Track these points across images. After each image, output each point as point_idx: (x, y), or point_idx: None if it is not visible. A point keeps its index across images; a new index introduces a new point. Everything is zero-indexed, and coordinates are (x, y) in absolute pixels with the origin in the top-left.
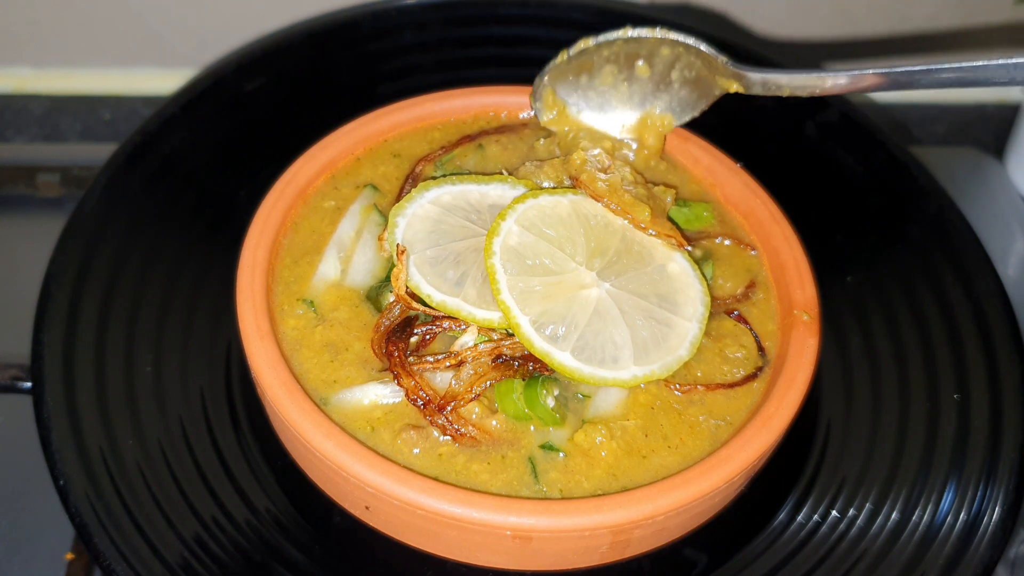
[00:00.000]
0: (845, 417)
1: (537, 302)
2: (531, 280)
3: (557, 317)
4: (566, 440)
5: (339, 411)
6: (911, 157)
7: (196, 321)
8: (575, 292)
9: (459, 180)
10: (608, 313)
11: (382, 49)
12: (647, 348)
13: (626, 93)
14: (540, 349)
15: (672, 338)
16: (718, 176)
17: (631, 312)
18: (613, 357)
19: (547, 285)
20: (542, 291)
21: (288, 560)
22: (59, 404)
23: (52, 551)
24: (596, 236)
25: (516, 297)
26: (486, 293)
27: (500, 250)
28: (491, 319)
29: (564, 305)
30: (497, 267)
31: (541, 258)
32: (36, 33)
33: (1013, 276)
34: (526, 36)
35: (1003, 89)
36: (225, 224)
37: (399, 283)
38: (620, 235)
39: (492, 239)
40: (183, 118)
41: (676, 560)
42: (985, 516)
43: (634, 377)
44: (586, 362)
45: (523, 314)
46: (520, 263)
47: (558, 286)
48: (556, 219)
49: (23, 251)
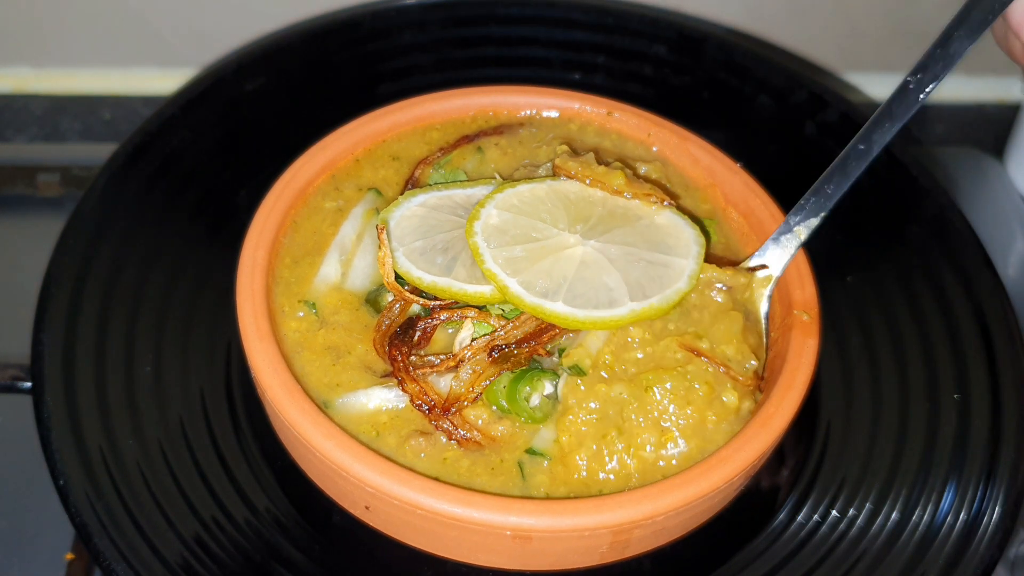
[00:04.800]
0: (845, 417)
1: (522, 265)
2: (514, 248)
3: (543, 274)
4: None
5: (342, 415)
6: (911, 157)
7: (196, 321)
8: (560, 252)
9: (445, 187)
10: (596, 263)
11: (382, 49)
12: (642, 286)
13: None
14: (531, 303)
15: (668, 275)
16: (718, 176)
17: (620, 259)
18: (608, 300)
19: (531, 251)
20: (526, 256)
21: (288, 560)
22: (59, 404)
23: (52, 551)
24: (577, 207)
25: (501, 264)
26: (476, 272)
27: (481, 229)
28: (482, 292)
29: (550, 263)
30: (480, 243)
31: (523, 229)
32: (36, 33)
33: (1013, 276)
34: (526, 36)
35: (1003, 89)
36: (225, 224)
37: (385, 266)
38: (601, 203)
39: (472, 223)
40: (183, 118)
41: (676, 560)
42: (985, 516)
43: (632, 312)
44: (580, 307)
45: (510, 277)
46: (502, 237)
47: (542, 250)
48: (535, 199)
49: (23, 251)
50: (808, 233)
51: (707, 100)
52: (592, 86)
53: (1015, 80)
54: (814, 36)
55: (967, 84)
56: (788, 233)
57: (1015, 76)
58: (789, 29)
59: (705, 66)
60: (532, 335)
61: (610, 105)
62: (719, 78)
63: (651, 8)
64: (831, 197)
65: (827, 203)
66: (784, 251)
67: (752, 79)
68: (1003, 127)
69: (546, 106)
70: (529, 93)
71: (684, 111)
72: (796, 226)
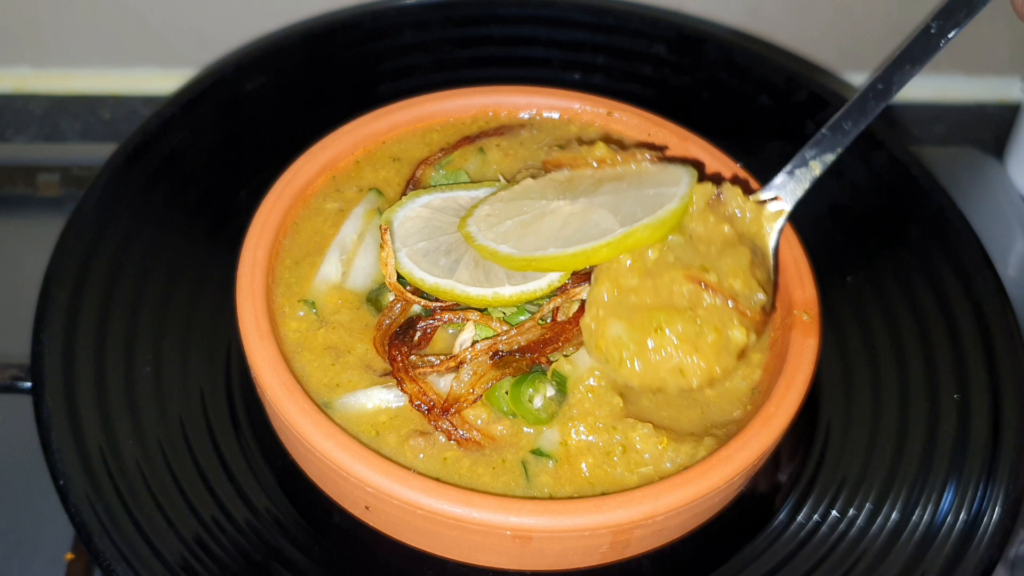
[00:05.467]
0: (845, 417)
1: (513, 234)
2: (504, 223)
3: (533, 233)
4: (557, 445)
5: (342, 415)
6: (911, 157)
7: (196, 321)
8: (549, 215)
9: (448, 188)
10: (584, 212)
11: (382, 49)
12: (635, 216)
13: None
14: (523, 257)
15: (660, 200)
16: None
17: (610, 202)
18: (599, 233)
19: (521, 222)
20: (516, 226)
21: (288, 560)
22: (59, 404)
23: (52, 551)
24: (566, 184)
25: (492, 238)
26: (478, 275)
27: (473, 221)
28: (485, 295)
29: (539, 225)
30: (473, 231)
31: (513, 210)
32: (36, 33)
33: (1013, 276)
34: (526, 36)
35: (1003, 89)
36: (225, 224)
37: (388, 266)
38: (591, 176)
39: (466, 219)
40: (183, 118)
41: (676, 560)
42: (985, 516)
43: (623, 234)
44: (573, 245)
45: (500, 244)
46: (494, 222)
47: (532, 219)
48: (524, 189)
49: (23, 251)
50: (823, 168)
51: (707, 100)
52: (592, 86)
53: (1015, 80)
54: (814, 36)
55: (967, 84)
56: (803, 166)
57: (1015, 76)
58: (789, 29)
59: (705, 66)
60: (535, 344)
61: (610, 105)
62: (719, 78)
63: (651, 8)
64: (848, 134)
65: (844, 140)
66: (798, 185)
67: (752, 79)
68: (1003, 127)
69: (546, 106)
70: (529, 93)
71: (684, 111)
72: (811, 160)
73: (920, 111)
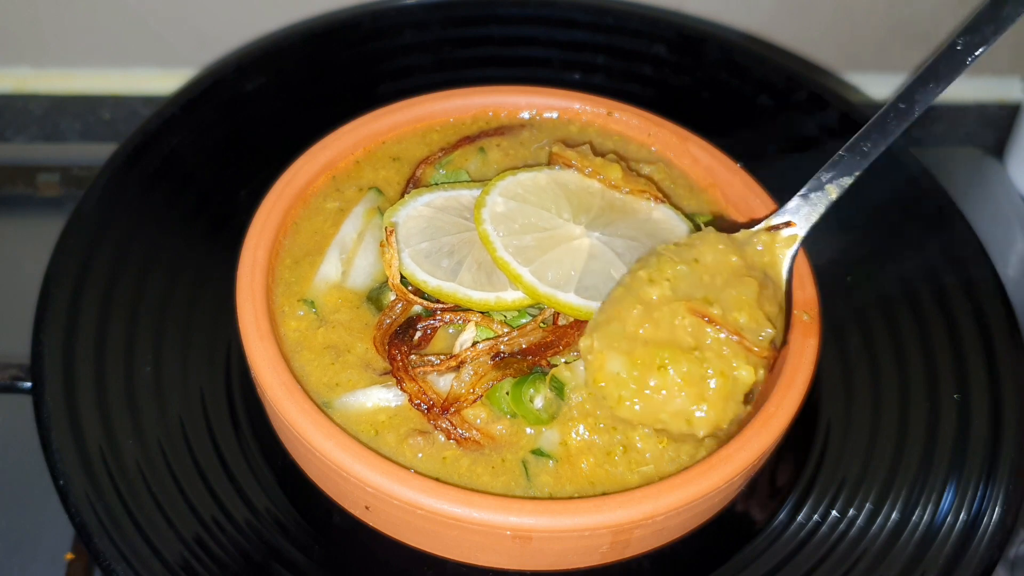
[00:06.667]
0: (845, 417)
1: (532, 254)
2: (523, 237)
3: (553, 264)
4: (558, 444)
5: (342, 414)
6: (911, 157)
7: (196, 321)
8: (567, 243)
9: (451, 187)
10: (603, 256)
11: (382, 49)
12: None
13: None
14: (544, 293)
15: None
16: (718, 176)
17: (625, 253)
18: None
19: (539, 240)
20: (535, 245)
21: (288, 560)
22: (59, 404)
23: (52, 551)
24: (577, 198)
25: (512, 252)
26: (481, 278)
27: (489, 217)
28: (487, 299)
29: (559, 253)
30: (490, 231)
31: (529, 219)
32: (36, 33)
33: (1013, 276)
34: (526, 36)
35: (1003, 89)
36: (225, 224)
37: (392, 267)
38: (600, 195)
39: (480, 210)
40: (183, 118)
41: (676, 560)
42: (985, 516)
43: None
44: (591, 299)
45: (522, 266)
46: (510, 226)
47: (550, 239)
48: (536, 188)
49: (23, 251)
50: (839, 192)
51: (707, 100)
52: (592, 86)
53: (1015, 80)
54: (814, 36)
55: (967, 84)
56: (819, 190)
57: (1015, 76)
58: (789, 29)
59: (705, 66)
60: (536, 347)
61: (610, 105)
62: (719, 78)
63: (651, 8)
64: (867, 156)
65: (863, 162)
66: (813, 209)
67: (752, 79)
68: (1003, 127)
69: (546, 106)
70: (529, 93)
71: (684, 111)
72: (828, 183)
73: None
